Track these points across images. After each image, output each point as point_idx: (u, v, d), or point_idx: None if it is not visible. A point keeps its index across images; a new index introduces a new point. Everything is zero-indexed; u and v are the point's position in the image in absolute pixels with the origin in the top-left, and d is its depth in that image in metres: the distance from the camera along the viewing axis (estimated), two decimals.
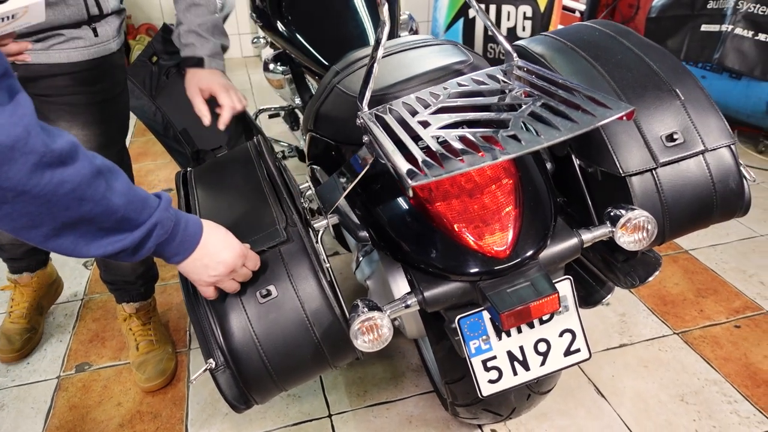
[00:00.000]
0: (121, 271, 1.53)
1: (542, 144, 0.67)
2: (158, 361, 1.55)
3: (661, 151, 0.98)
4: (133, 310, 1.60)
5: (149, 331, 1.62)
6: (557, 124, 0.69)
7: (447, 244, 0.89)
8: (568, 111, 0.72)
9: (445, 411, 1.41)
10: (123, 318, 1.62)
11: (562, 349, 0.94)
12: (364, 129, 0.87)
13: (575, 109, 0.72)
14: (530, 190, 0.93)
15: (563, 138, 0.67)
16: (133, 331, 1.61)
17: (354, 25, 1.82)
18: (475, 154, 0.67)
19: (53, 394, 1.53)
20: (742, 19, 2.54)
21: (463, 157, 0.67)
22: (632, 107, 0.71)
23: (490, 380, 0.93)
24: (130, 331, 1.61)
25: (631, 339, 1.64)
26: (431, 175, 0.65)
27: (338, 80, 1.17)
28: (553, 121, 0.70)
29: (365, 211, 1.04)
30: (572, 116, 0.71)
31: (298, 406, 1.46)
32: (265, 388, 0.93)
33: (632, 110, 0.71)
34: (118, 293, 1.59)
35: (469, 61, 1.01)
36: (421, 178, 0.65)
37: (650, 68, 1.06)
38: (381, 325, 0.88)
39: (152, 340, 1.60)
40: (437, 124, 0.76)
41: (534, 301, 0.82)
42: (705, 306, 1.76)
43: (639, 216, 0.90)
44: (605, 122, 0.69)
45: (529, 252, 0.88)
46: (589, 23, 1.25)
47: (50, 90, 1.21)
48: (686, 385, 1.49)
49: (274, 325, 0.89)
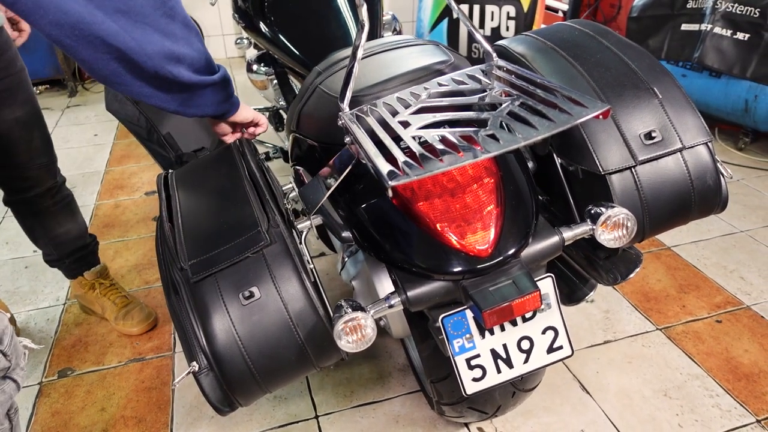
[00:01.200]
0: (73, 238, 1.64)
1: (520, 143, 0.67)
2: (140, 309, 1.71)
3: (639, 149, 0.99)
4: (95, 276, 1.72)
5: (117, 289, 1.74)
6: (535, 123, 0.70)
7: (430, 243, 0.90)
8: (546, 110, 0.73)
9: (431, 410, 1.42)
10: (88, 287, 1.72)
11: (545, 347, 0.95)
12: (346, 129, 0.87)
13: (553, 108, 0.73)
14: (512, 188, 0.93)
15: (541, 137, 0.68)
16: (103, 293, 1.72)
17: (336, 26, 1.82)
18: (454, 153, 0.68)
19: (35, 400, 1.51)
20: (720, 18, 2.57)
21: (442, 157, 0.67)
22: (608, 106, 0.72)
23: (474, 378, 0.94)
24: (100, 295, 1.72)
25: (615, 335, 1.66)
26: (411, 175, 0.65)
27: (320, 81, 1.17)
28: (531, 120, 0.71)
29: (348, 211, 1.04)
30: (549, 115, 0.71)
31: (284, 408, 1.46)
32: (249, 391, 0.92)
33: (608, 109, 0.71)
34: (76, 264, 1.69)
35: (450, 61, 1.02)
36: (401, 178, 0.65)
37: (628, 67, 1.07)
38: (365, 325, 0.88)
39: (125, 295, 1.74)
40: (417, 124, 0.77)
41: (516, 299, 0.83)
42: (687, 302, 1.79)
43: (618, 213, 0.91)
44: (581, 120, 0.70)
45: (511, 250, 0.88)
46: (569, 23, 1.27)
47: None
48: (669, 380, 1.51)
49: (258, 326, 0.89)
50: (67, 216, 1.62)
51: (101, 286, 1.74)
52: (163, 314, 1.78)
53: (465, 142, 0.69)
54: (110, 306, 1.72)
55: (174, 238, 0.99)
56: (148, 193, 2.53)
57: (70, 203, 1.63)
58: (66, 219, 1.62)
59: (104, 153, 2.92)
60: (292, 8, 1.86)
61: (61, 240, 1.63)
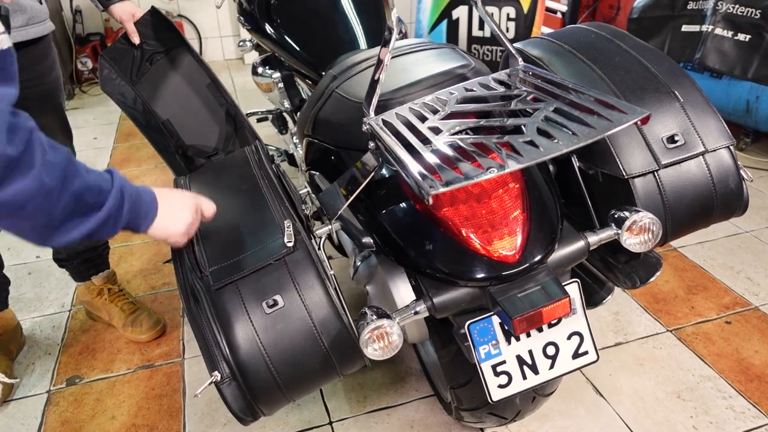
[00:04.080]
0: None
1: (562, 150, 0.67)
2: (149, 315, 1.66)
3: (662, 152, 0.98)
4: (103, 281, 1.68)
5: (126, 297, 1.70)
6: (574, 130, 0.69)
7: (455, 249, 0.89)
8: (583, 116, 0.72)
9: (446, 415, 1.41)
10: (96, 293, 1.67)
11: (571, 352, 0.94)
12: (371, 135, 0.86)
13: (590, 114, 0.73)
14: (536, 193, 0.93)
15: (583, 144, 0.67)
16: (111, 299, 1.67)
17: (344, 29, 1.81)
18: (492, 160, 0.67)
19: (44, 409, 1.49)
20: (721, 19, 2.59)
21: (481, 164, 0.66)
22: (648, 112, 0.71)
23: (499, 385, 0.93)
24: (107, 301, 1.68)
25: (626, 337, 1.66)
26: (451, 183, 0.64)
27: (336, 85, 1.16)
28: (570, 126, 0.70)
29: (369, 216, 1.03)
30: (588, 121, 0.71)
31: (297, 414, 1.44)
32: (273, 400, 0.91)
33: (648, 115, 0.71)
34: (83, 267, 1.64)
35: (472, 66, 1.01)
36: (440, 186, 0.64)
37: (648, 70, 1.07)
38: (391, 332, 0.87)
39: (133, 301, 1.70)
40: (449, 130, 0.76)
41: (545, 305, 0.82)
42: (696, 303, 1.79)
43: (644, 218, 0.91)
44: (623, 127, 0.70)
45: (538, 256, 0.88)
46: (583, 26, 1.26)
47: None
48: (681, 381, 1.51)
49: (282, 335, 0.88)
50: None
51: (109, 292, 1.70)
52: (171, 320, 1.77)
53: (503, 149, 0.68)
54: (118, 313, 1.68)
55: (193, 244, 0.98)
56: None
57: None
58: None
59: (104, 156, 2.89)
60: (299, 11, 1.85)
61: None
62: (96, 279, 1.69)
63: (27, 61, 1.27)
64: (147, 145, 2.90)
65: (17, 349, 1.65)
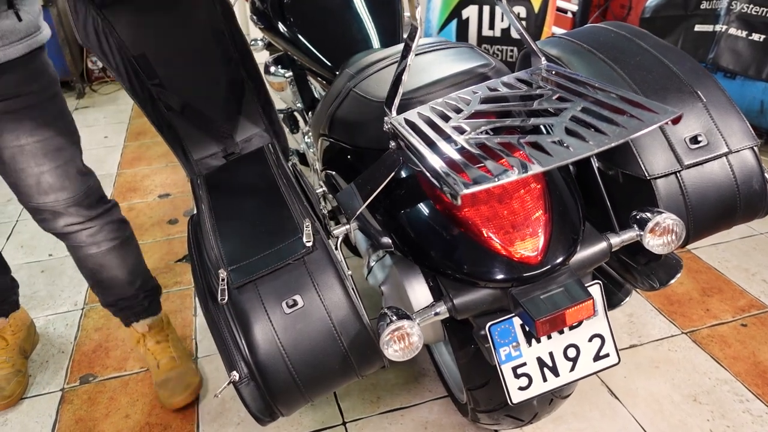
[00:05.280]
0: (117, 288, 1.42)
1: (593, 150, 0.66)
2: (181, 377, 1.46)
3: (685, 153, 0.97)
4: (146, 328, 1.49)
5: (168, 348, 1.51)
6: (604, 130, 0.68)
7: (476, 250, 0.88)
8: (612, 116, 0.71)
9: (461, 416, 1.40)
10: (137, 340, 1.51)
11: (592, 354, 0.93)
12: (393, 135, 0.85)
13: (619, 113, 0.72)
14: (558, 194, 0.92)
15: (614, 144, 0.66)
16: (151, 351, 1.49)
17: (357, 28, 1.80)
18: (521, 160, 0.66)
19: (58, 407, 1.49)
20: (735, 19, 2.57)
21: (510, 164, 0.65)
22: (680, 112, 0.70)
23: (520, 387, 0.92)
24: (148, 351, 1.50)
25: (640, 339, 1.65)
26: (481, 183, 0.63)
27: (354, 84, 1.16)
28: (599, 126, 0.69)
29: (387, 216, 1.02)
30: (618, 121, 0.70)
31: (311, 414, 1.44)
32: (292, 400, 0.91)
33: (680, 115, 0.70)
34: (123, 314, 1.47)
35: (492, 65, 1.00)
36: (470, 186, 0.63)
37: (670, 70, 1.06)
38: (411, 333, 0.86)
39: (173, 356, 1.50)
40: (474, 130, 0.75)
41: (569, 307, 0.82)
42: (711, 305, 1.77)
43: (667, 219, 0.90)
44: (655, 127, 0.69)
45: (561, 257, 0.87)
46: (602, 24, 1.25)
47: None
48: (698, 384, 1.50)
49: (302, 335, 0.87)
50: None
51: (149, 342, 1.51)
52: (183, 319, 1.77)
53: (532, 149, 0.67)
54: (153, 366, 1.50)
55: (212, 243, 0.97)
56: (162, 195, 2.51)
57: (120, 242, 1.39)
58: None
59: (115, 155, 2.90)
60: (312, 9, 1.84)
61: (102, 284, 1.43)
62: (137, 326, 1.51)
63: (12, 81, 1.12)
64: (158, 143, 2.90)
65: (31, 347, 1.65)
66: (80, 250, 1.35)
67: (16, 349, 1.57)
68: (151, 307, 1.50)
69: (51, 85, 1.20)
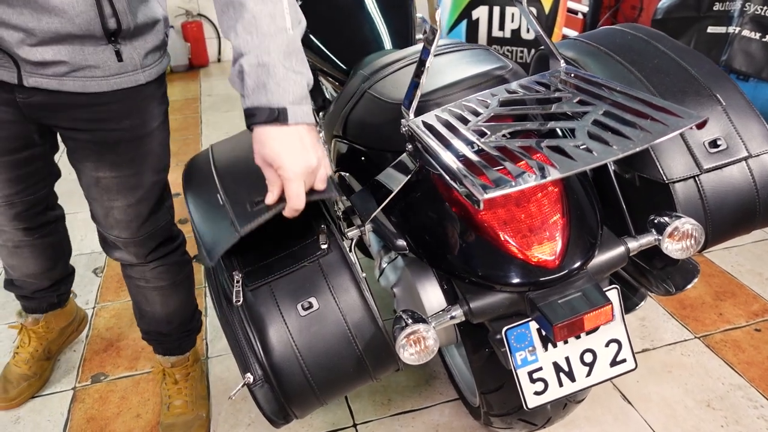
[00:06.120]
0: (153, 322, 1.37)
1: (618, 155, 0.65)
2: (187, 428, 1.38)
3: (704, 157, 0.96)
4: (168, 364, 1.43)
5: (184, 390, 1.43)
6: (628, 134, 0.67)
7: (493, 253, 0.88)
8: (636, 119, 0.70)
9: (472, 419, 1.40)
10: (158, 371, 1.46)
11: (609, 360, 0.93)
12: (411, 137, 0.84)
13: (643, 117, 0.71)
14: (576, 198, 0.91)
15: (639, 148, 0.65)
16: (166, 388, 1.43)
17: (369, 28, 1.80)
18: (543, 164, 0.66)
19: (69, 405, 1.50)
20: (749, 21, 2.54)
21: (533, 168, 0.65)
22: (706, 116, 0.70)
23: (536, 392, 0.91)
24: (164, 387, 1.44)
25: (653, 344, 1.64)
26: (504, 187, 0.63)
27: (369, 85, 1.15)
28: (623, 130, 0.68)
29: (402, 218, 1.02)
30: (642, 125, 0.69)
31: (321, 416, 1.44)
32: (306, 402, 0.91)
33: (705, 119, 0.69)
34: (151, 343, 1.43)
35: (510, 68, 0.99)
36: (493, 191, 0.63)
37: (688, 73, 1.05)
38: (427, 337, 0.86)
39: (186, 401, 1.41)
40: (495, 133, 0.75)
41: (587, 312, 0.81)
42: (724, 309, 1.76)
43: (686, 224, 0.89)
44: (680, 131, 0.68)
45: (579, 262, 0.86)
46: (618, 27, 1.24)
47: (72, 123, 1.05)
48: (711, 390, 1.48)
49: (317, 338, 0.87)
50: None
51: (170, 379, 1.44)
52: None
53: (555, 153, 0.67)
54: (164, 405, 1.43)
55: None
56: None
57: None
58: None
59: None
60: (324, 10, 1.84)
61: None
62: (161, 359, 1.43)
63: (103, 113, 1.04)
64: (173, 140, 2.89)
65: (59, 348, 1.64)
66: (128, 277, 1.32)
67: (39, 351, 1.53)
68: (182, 346, 1.44)
69: (147, 123, 1.09)
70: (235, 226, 0.79)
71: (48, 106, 1.02)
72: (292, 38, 0.78)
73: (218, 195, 0.82)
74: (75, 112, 1.03)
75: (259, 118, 0.76)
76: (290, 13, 0.78)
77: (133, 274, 1.30)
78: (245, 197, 0.83)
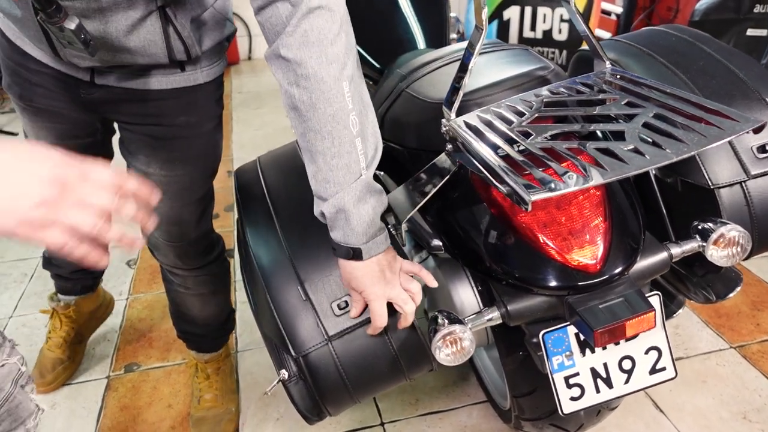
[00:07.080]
0: (189, 324, 1.40)
1: (671, 158, 0.64)
2: (217, 422, 1.39)
3: (752, 162, 0.94)
4: (203, 360, 1.45)
5: (214, 384, 1.44)
6: (682, 138, 0.66)
7: (533, 256, 0.87)
8: (689, 123, 0.69)
9: (500, 422, 1.39)
10: (191, 364, 1.48)
11: (648, 368, 0.91)
12: (452, 137, 0.84)
13: (696, 120, 0.69)
14: (618, 201, 0.89)
15: (693, 152, 0.64)
16: (198, 382, 1.45)
17: (403, 28, 1.79)
18: (593, 167, 0.65)
19: (103, 394, 1.53)
20: None
21: (581, 170, 0.64)
22: (763, 120, 0.68)
23: (572, 397, 0.90)
24: (195, 381, 1.46)
25: (686, 352, 1.60)
26: (554, 189, 0.62)
27: (406, 84, 1.15)
28: (676, 134, 0.67)
29: (438, 219, 1.01)
30: (696, 128, 0.67)
31: (349, 414, 1.44)
32: (340, 400, 0.91)
33: (764, 123, 0.67)
34: (186, 342, 1.45)
35: (551, 68, 0.98)
36: (541, 192, 0.62)
37: (736, 76, 1.02)
38: (463, 338, 0.85)
39: (216, 395, 1.43)
40: (540, 134, 0.74)
41: (629, 318, 0.79)
42: (761, 319, 1.71)
43: (733, 230, 0.87)
44: (736, 136, 0.66)
45: (621, 267, 0.85)
46: (661, 28, 1.22)
47: (129, 117, 1.07)
48: (747, 402, 1.45)
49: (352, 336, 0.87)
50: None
51: (202, 374, 1.45)
52: None
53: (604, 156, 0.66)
54: (194, 399, 1.44)
55: None
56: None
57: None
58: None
59: None
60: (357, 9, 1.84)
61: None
62: (194, 354, 1.45)
63: (161, 108, 1.06)
64: None
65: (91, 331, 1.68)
66: (168, 281, 1.34)
67: (72, 335, 1.57)
68: (217, 344, 1.46)
69: (202, 123, 1.10)
70: (322, 327, 0.85)
71: (109, 101, 1.05)
72: (367, 178, 0.81)
73: (297, 288, 0.86)
74: (132, 107, 1.05)
75: (339, 254, 0.83)
76: (365, 153, 0.80)
77: (174, 279, 1.31)
78: (324, 291, 0.88)
